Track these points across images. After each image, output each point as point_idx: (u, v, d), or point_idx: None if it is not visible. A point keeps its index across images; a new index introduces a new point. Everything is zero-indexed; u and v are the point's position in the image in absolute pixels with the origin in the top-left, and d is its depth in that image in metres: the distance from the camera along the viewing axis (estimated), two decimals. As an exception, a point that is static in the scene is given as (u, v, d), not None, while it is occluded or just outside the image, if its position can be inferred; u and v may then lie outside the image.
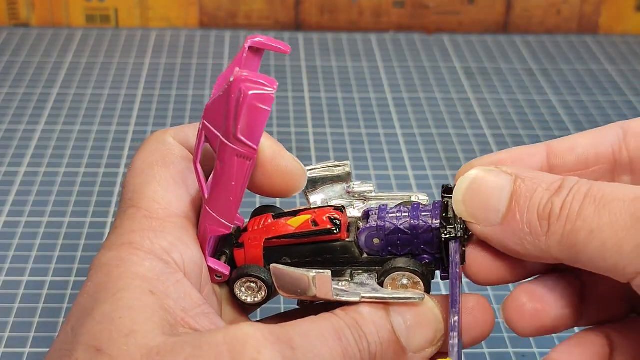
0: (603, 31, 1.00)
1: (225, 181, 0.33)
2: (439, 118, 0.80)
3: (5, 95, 0.82)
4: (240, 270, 0.36)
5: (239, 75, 0.31)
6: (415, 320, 0.34)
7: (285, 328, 0.31)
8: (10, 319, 0.55)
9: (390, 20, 0.99)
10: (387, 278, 0.34)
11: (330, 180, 0.39)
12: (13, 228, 0.63)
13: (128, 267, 0.32)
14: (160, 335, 0.30)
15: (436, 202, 0.36)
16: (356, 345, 0.32)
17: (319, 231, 0.35)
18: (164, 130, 0.37)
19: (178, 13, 0.97)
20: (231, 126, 0.31)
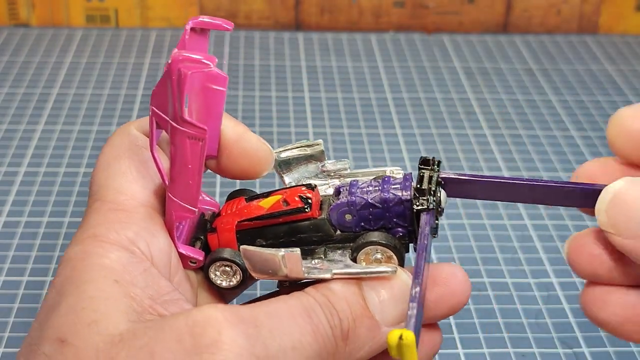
0: (603, 31, 1.00)
1: (181, 165, 0.33)
2: (439, 118, 0.80)
3: (5, 95, 0.82)
4: (213, 255, 0.35)
5: (176, 56, 0.31)
6: (388, 294, 0.33)
7: (252, 308, 0.31)
8: (10, 319, 0.55)
9: (390, 20, 0.99)
10: (360, 253, 0.34)
11: (305, 159, 0.38)
12: (13, 228, 0.63)
13: (93, 259, 0.32)
14: (124, 323, 0.30)
15: (407, 174, 0.35)
16: (327, 323, 0.32)
17: (290, 210, 0.35)
18: (129, 122, 0.37)
19: (178, 13, 0.97)
20: (177, 108, 0.31)
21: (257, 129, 0.77)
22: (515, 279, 0.60)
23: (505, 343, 0.55)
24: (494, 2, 0.98)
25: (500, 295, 0.58)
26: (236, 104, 0.81)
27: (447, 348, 0.54)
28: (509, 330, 0.56)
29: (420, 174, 0.35)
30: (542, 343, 0.55)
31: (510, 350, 0.54)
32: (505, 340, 0.55)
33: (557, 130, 0.79)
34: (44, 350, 0.30)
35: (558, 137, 0.78)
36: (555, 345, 0.55)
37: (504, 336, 0.55)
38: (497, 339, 0.55)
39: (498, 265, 0.61)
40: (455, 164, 0.73)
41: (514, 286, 0.59)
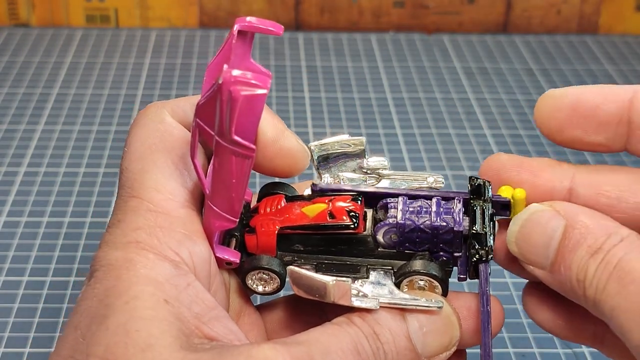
0: (603, 31, 1.00)
1: (225, 179, 0.32)
2: (439, 118, 0.80)
3: (5, 95, 0.82)
4: (253, 262, 0.34)
5: (228, 77, 0.29)
6: (431, 326, 0.33)
7: (306, 346, 0.31)
8: (10, 319, 0.55)
9: (390, 20, 0.99)
10: (404, 280, 0.34)
11: (344, 155, 0.37)
12: (13, 228, 0.63)
13: (138, 270, 0.31)
14: (178, 350, 0.29)
15: (457, 196, 0.35)
16: (374, 357, 0.32)
17: (337, 225, 0.34)
18: (160, 104, 0.35)
19: (178, 13, 0.97)
20: (225, 128, 0.30)
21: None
22: (515, 279, 0.60)
23: (505, 343, 0.55)
24: (494, 2, 0.98)
25: (500, 295, 0.58)
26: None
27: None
28: (509, 330, 0.56)
29: (472, 207, 0.34)
30: (542, 343, 0.55)
31: (510, 350, 0.54)
32: (505, 340, 0.55)
33: (557, 130, 0.79)
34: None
35: (558, 137, 0.78)
36: (555, 345, 0.55)
37: (504, 336, 0.55)
38: (497, 339, 0.55)
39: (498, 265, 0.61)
40: (455, 164, 0.73)
41: (514, 286, 0.59)
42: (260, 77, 0.29)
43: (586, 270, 0.31)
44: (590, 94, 0.34)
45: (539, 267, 0.33)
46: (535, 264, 0.33)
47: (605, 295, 0.31)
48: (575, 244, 0.32)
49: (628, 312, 0.30)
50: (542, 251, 0.33)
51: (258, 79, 0.29)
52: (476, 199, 0.35)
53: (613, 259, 0.31)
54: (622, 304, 0.30)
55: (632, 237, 0.32)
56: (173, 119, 0.35)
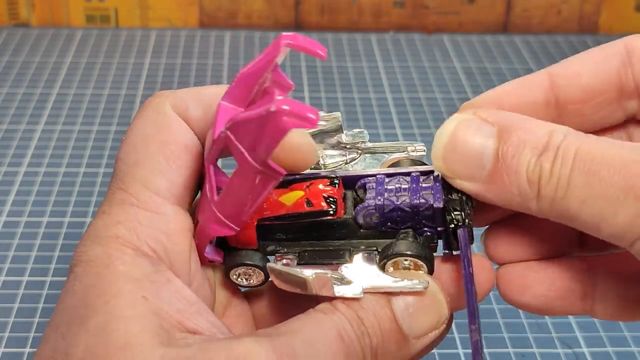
0: (603, 31, 1.00)
1: (242, 192, 0.31)
2: (439, 118, 0.80)
3: (5, 95, 0.82)
4: (234, 259, 0.34)
5: (281, 108, 0.29)
6: (417, 306, 0.33)
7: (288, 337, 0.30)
8: (10, 319, 0.55)
9: (390, 20, 0.99)
10: (388, 261, 0.33)
11: (322, 132, 0.37)
12: (13, 228, 0.63)
13: (117, 267, 0.31)
14: (157, 347, 0.29)
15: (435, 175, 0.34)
16: (358, 342, 0.31)
17: (315, 212, 0.33)
18: (164, 95, 0.35)
19: (178, 13, 0.97)
20: (262, 152, 0.30)
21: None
22: (515, 279, 0.60)
23: (505, 343, 0.55)
24: (494, 2, 0.98)
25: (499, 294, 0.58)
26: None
27: (447, 348, 0.54)
28: (509, 330, 0.56)
29: None
30: (542, 343, 0.55)
31: (510, 350, 0.54)
32: (505, 340, 0.55)
33: (557, 130, 0.79)
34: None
35: (558, 137, 0.78)
36: (555, 345, 0.55)
37: (504, 336, 0.55)
38: (497, 339, 0.55)
39: (498, 265, 0.61)
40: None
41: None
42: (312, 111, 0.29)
43: (540, 170, 0.30)
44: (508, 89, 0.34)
45: (471, 180, 0.32)
46: (467, 177, 0.32)
47: (571, 190, 0.29)
48: (516, 148, 0.30)
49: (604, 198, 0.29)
50: (474, 161, 0.31)
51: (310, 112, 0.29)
52: None
53: (569, 152, 0.30)
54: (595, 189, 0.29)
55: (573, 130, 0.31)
56: (174, 111, 0.35)
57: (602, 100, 0.34)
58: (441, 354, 0.53)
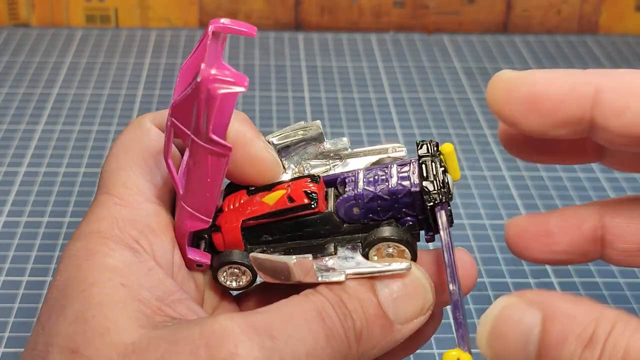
0: (603, 31, 1.00)
1: (200, 178, 0.32)
2: (439, 118, 0.80)
3: (5, 95, 0.82)
4: (221, 259, 0.35)
5: (207, 75, 0.29)
6: (402, 291, 0.32)
7: (266, 315, 0.30)
8: (10, 319, 0.55)
9: (390, 20, 0.99)
10: (371, 249, 0.34)
11: (303, 142, 0.37)
12: (13, 228, 0.63)
13: (97, 258, 0.31)
14: (136, 330, 0.30)
15: (413, 160, 0.35)
16: (341, 325, 0.31)
17: (297, 207, 0.34)
18: (145, 114, 0.36)
19: (178, 13, 0.97)
20: (202, 126, 0.30)
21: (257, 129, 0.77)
22: (515, 279, 0.60)
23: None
24: (494, 2, 0.98)
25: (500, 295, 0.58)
26: (236, 104, 0.81)
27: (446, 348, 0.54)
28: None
29: (421, 162, 0.34)
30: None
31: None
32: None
33: (557, 130, 0.79)
34: (52, 358, 0.30)
35: (558, 137, 0.78)
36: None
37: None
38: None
39: (498, 265, 0.61)
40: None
41: (514, 286, 0.59)
42: (237, 75, 0.30)
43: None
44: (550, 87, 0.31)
45: None
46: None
47: None
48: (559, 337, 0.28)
49: None
50: (521, 351, 0.29)
51: (235, 77, 0.29)
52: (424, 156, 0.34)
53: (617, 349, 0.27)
54: None
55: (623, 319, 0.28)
56: (152, 124, 0.36)
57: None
58: (441, 354, 0.53)
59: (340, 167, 0.37)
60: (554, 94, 0.31)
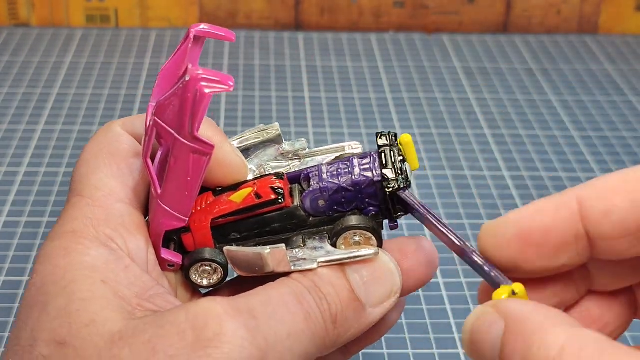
0: (603, 31, 1.00)
1: (180, 177, 0.33)
2: (439, 118, 0.80)
3: (5, 95, 0.82)
4: (193, 256, 0.35)
5: (195, 75, 0.30)
6: (371, 275, 0.34)
7: (246, 298, 0.31)
8: (10, 319, 0.55)
9: (390, 20, 0.99)
10: (339, 238, 0.35)
11: (262, 144, 0.39)
12: (13, 228, 0.63)
13: (74, 257, 0.32)
14: (120, 321, 0.30)
15: (372, 152, 0.36)
16: (317, 307, 0.32)
17: (264, 203, 0.35)
18: (112, 121, 0.37)
19: (178, 13, 0.97)
20: (187, 124, 0.31)
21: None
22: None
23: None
24: (494, 2, 0.98)
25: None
26: (236, 103, 0.81)
27: (446, 348, 0.54)
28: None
29: (380, 152, 0.36)
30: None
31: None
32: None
33: (557, 130, 0.79)
34: (40, 352, 0.30)
35: (558, 137, 0.78)
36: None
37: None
38: (497, 339, 0.55)
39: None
40: (455, 163, 0.73)
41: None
42: (223, 76, 0.31)
43: None
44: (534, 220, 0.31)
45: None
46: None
47: None
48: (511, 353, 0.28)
49: None
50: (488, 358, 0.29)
51: (221, 77, 0.31)
52: (383, 146, 0.36)
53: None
54: None
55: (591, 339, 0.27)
56: (122, 129, 0.37)
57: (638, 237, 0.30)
58: (441, 354, 0.53)
59: (299, 167, 0.38)
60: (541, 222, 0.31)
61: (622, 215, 0.30)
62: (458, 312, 0.57)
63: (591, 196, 0.30)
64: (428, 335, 0.55)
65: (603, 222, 0.30)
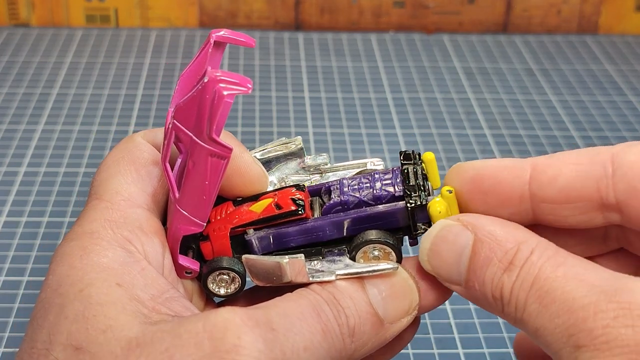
0: (603, 31, 1.00)
1: (198, 180, 0.33)
2: (439, 118, 0.80)
3: (5, 95, 0.82)
4: (212, 264, 0.35)
5: (214, 76, 0.30)
6: (390, 291, 0.34)
7: (264, 309, 0.31)
8: (10, 319, 0.55)
9: (390, 20, 0.99)
10: (358, 252, 0.35)
11: (284, 157, 0.38)
12: (13, 228, 0.63)
13: (91, 257, 0.32)
14: (137, 325, 0.30)
15: (394, 168, 0.36)
16: (335, 320, 0.32)
17: (284, 214, 0.35)
18: (135, 133, 0.38)
19: (178, 13, 0.97)
20: (205, 127, 0.31)
21: (257, 129, 0.77)
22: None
23: (505, 343, 0.55)
24: (494, 2, 0.98)
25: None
26: (236, 104, 0.81)
27: (447, 348, 0.54)
28: (508, 330, 0.56)
29: (404, 170, 0.35)
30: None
31: (510, 350, 0.54)
32: (505, 340, 0.55)
33: (557, 130, 0.79)
34: (56, 357, 0.30)
35: (558, 137, 0.78)
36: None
37: (504, 336, 0.55)
38: (497, 339, 0.55)
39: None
40: (455, 164, 0.73)
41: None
42: (242, 78, 0.31)
43: (502, 287, 0.31)
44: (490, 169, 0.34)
45: (453, 283, 0.33)
46: (450, 281, 0.33)
47: (527, 315, 0.30)
48: (485, 259, 0.31)
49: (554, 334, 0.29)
50: (454, 268, 0.32)
51: (240, 79, 0.31)
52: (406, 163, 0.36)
53: (529, 276, 0.30)
54: (546, 324, 0.29)
55: (542, 246, 0.31)
56: (143, 139, 0.37)
57: (578, 207, 0.33)
58: (441, 354, 0.53)
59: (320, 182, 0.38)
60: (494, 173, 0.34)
61: (567, 183, 0.33)
62: (458, 312, 0.57)
63: (544, 163, 0.33)
64: (428, 335, 0.55)
65: (549, 187, 0.33)
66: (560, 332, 0.29)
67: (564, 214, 0.33)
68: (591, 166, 0.33)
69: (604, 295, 0.28)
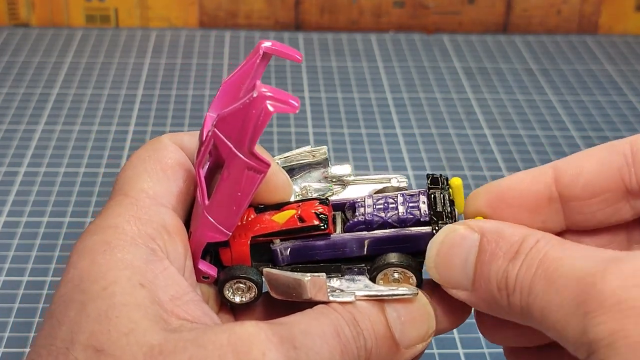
0: (603, 31, 1.00)
1: (231, 191, 0.33)
2: (439, 118, 0.80)
3: (5, 95, 0.82)
4: (230, 272, 0.35)
5: (263, 93, 0.30)
6: (409, 316, 0.34)
7: (288, 326, 0.31)
8: (10, 319, 0.55)
9: (390, 20, 0.99)
10: (379, 273, 0.34)
11: (308, 166, 0.38)
12: (13, 228, 0.63)
13: (115, 254, 0.32)
14: (159, 332, 0.30)
15: (421, 191, 0.36)
16: (354, 342, 0.32)
17: (306, 228, 0.35)
18: (163, 135, 0.38)
19: (178, 13, 0.97)
20: (247, 141, 0.31)
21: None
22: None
23: (505, 343, 0.55)
24: (494, 2, 0.98)
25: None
26: (236, 104, 0.81)
27: (447, 348, 0.54)
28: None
29: (431, 194, 0.35)
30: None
31: (510, 350, 0.54)
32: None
33: (557, 130, 0.79)
34: (76, 356, 0.30)
35: (558, 137, 0.78)
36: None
37: (504, 336, 0.55)
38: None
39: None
40: (455, 164, 0.73)
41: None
42: (292, 97, 0.31)
43: (507, 276, 0.31)
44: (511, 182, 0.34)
45: (461, 288, 0.33)
46: (458, 286, 0.33)
47: (533, 297, 0.30)
48: (491, 255, 0.31)
49: (561, 308, 0.29)
50: (461, 271, 0.32)
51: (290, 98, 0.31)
52: (434, 189, 0.36)
53: (534, 259, 0.30)
54: (553, 299, 0.29)
55: (548, 236, 0.31)
56: (170, 141, 0.37)
57: (605, 199, 0.33)
58: (441, 354, 0.53)
59: (342, 193, 0.38)
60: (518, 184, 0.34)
61: (591, 177, 0.33)
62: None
63: (564, 162, 0.34)
64: (428, 335, 0.55)
65: (573, 184, 0.33)
66: (568, 304, 0.28)
67: (592, 209, 0.33)
68: (611, 156, 0.33)
69: (613, 262, 0.28)
